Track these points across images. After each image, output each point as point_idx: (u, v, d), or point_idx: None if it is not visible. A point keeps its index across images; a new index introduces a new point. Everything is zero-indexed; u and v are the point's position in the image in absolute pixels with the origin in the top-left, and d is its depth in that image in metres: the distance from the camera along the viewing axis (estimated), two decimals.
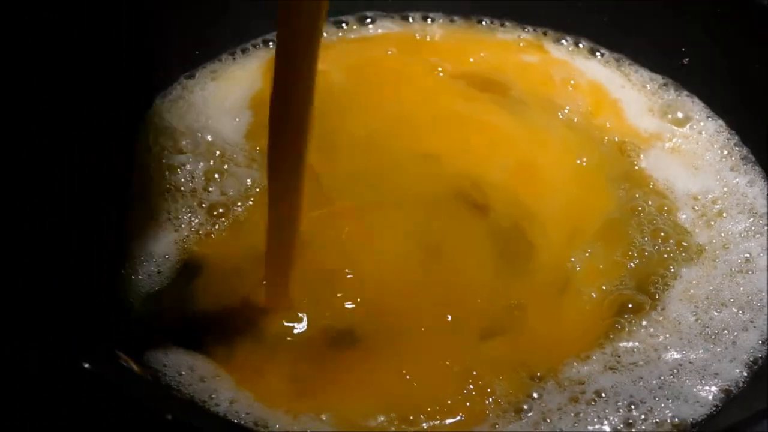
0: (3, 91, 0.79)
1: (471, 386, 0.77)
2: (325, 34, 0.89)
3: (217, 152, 0.95)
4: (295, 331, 0.81)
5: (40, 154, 0.82)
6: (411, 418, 0.75)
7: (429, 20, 1.12)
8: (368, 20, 1.11)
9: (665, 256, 0.88)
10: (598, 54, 1.09)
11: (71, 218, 0.83)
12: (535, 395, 0.78)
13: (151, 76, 1.00)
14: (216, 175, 0.93)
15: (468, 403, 0.77)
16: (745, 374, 0.80)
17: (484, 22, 1.13)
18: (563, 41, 1.11)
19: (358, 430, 0.75)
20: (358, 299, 0.83)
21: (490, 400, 0.77)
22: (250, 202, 0.91)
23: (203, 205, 0.90)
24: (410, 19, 1.12)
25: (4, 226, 0.74)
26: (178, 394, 0.76)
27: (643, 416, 0.77)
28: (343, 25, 1.10)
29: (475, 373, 0.78)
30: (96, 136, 0.89)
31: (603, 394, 0.78)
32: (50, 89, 0.85)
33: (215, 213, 0.90)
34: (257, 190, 0.91)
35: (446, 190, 0.92)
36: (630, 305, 0.84)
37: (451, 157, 0.95)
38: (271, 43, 1.06)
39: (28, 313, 0.68)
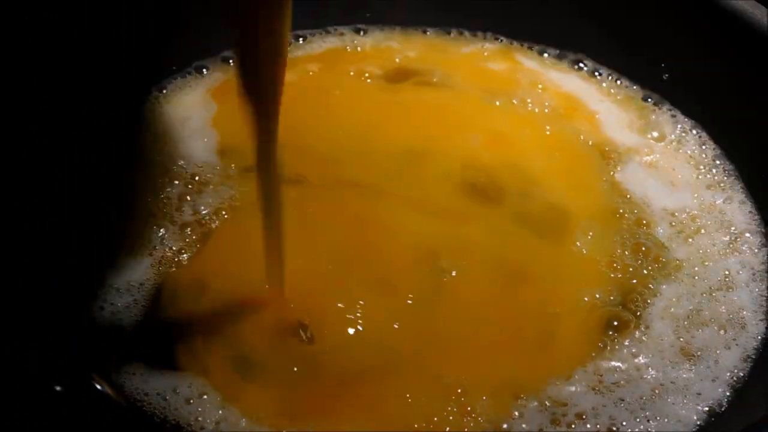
0: None
1: (454, 404, 0.75)
2: None
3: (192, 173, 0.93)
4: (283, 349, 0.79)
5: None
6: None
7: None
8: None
9: (644, 271, 0.87)
10: (577, 66, 1.07)
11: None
12: (516, 414, 0.75)
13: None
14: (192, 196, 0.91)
15: (449, 419, 0.74)
16: (728, 393, 0.79)
17: (452, 33, 1.12)
18: (541, 53, 1.10)
19: None
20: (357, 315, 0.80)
21: (470, 418, 0.75)
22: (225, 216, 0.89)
23: (181, 226, 0.88)
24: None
25: None
26: (161, 420, 0.74)
27: None
28: None
29: (459, 390, 0.76)
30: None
31: (584, 416, 0.76)
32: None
33: (191, 232, 0.88)
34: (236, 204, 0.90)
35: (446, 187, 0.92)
36: (615, 323, 0.82)
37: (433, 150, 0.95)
38: (204, 70, 1.05)
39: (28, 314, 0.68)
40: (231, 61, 1.05)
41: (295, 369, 0.77)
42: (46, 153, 0.85)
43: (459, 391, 0.76)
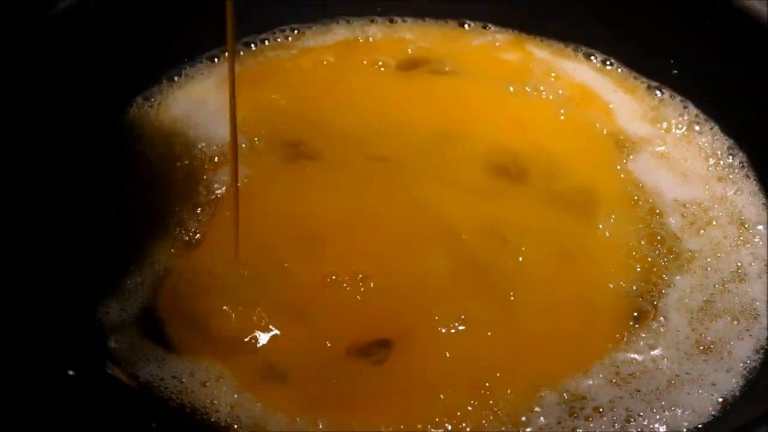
0: None
1: (478, 398, 0.76)
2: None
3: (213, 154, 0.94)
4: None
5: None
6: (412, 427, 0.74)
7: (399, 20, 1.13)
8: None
9: (659, 261, 0.88)
10: (591, 58, 1.08)
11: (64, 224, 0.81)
12: (536, 408, 0.76)
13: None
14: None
15: (471, 413, 0.75)
16: (742, 384, 0.79)
17: (464, 26, 1.13)
18: (552, 45, 1.10)
19: None
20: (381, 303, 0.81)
21: (489, 411, 0.75)
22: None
23: (203, 205, 0.89)
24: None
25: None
26: (177, 403, 0.74)
27: (639, 430, 0.76)
28: (266, 41, 1.09)
29: (487, 384, 0.76)
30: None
31: (601, 409, 0.77)
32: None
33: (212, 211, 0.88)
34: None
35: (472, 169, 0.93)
36: (636, 313, 0.83)
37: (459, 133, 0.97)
38: (216, 59, 1.05)
39: (28, 314, 0.66)
40: (242, 52, 1.06)
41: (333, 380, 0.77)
42: (54, 149, 0.85)
43: (487, 385, 0.76)
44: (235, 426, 0.74)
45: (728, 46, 0.97)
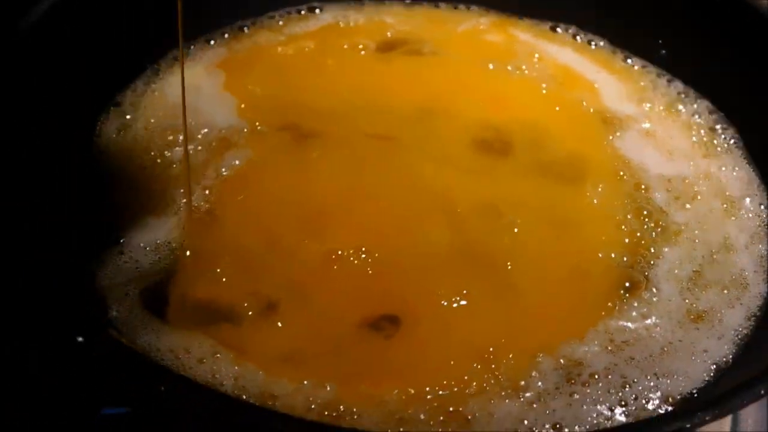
0: None
1: (481, 362, 0.75)
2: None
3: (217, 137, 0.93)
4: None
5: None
6: (414, 391, 0.74)
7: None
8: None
9: (647, 234, 0.88)
10: (578, 38, 1.08)
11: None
12: (534, 373, 0.76)
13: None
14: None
15: (475, 376, 0.75)
16: (734, 350, 0.79)
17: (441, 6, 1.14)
18: (536, 26, 1.10)
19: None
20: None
21: (490, 375, 0.75)
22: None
23: (209, 187, 0.88)
24: None
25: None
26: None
27: (634, 396, 0.76)
28: (245, 29, 1.09)
29: (491, 349, 0.76)
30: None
31: (597, 375, 0.76)
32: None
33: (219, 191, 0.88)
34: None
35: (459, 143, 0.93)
36: (627, 284, 0.83)
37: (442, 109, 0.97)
38: (212, 41, 1.06)
39: (28, 313, 0.65)
40: (226, 34, 1.07)
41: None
42: (53, 143, 0.85)
43: (491, 349, 0.76)
44: (244, 396, 0.72)
45: (715, 24, 0.98)
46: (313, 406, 0.72)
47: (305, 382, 0.73)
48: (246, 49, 1.06)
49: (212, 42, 1.06)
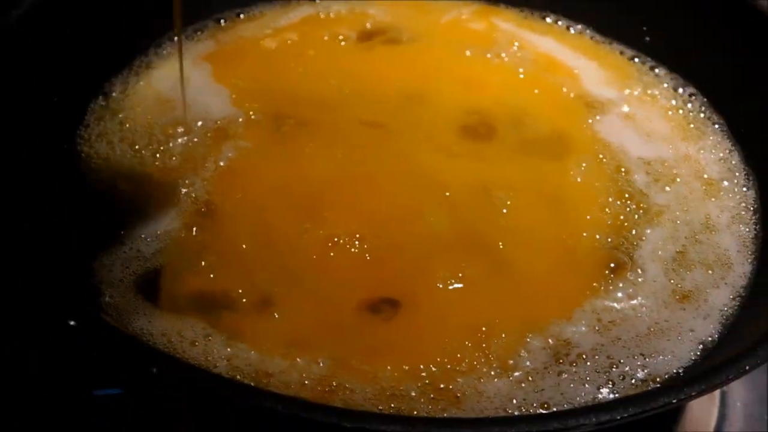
0: None
1: (474, 341, 0.75)
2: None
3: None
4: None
5: None
6: (408, 368, 0.73)
7: None
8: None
9: (630, 215, 0.87)
10: (559, 23, 1.08)
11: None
12: (523, 353, 0.75)
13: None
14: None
15: (459, 355, 0.74)
16: (720, 329, 0.79)
17: None
18: (521, 13, 1.10)
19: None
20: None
21: (481, 353, 0.74)
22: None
23: (209, 179, 0.87)
24: None
25: None
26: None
27: (621, 376, 0.75)
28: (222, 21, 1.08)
29: (484, 328, 0.76)
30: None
31: (584, 356, 0.76)
32: None
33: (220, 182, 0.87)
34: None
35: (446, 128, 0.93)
36: (612, 264, 0.82)
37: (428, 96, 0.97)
38: (198, 33, 1.05)
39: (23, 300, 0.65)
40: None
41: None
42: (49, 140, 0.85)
43: (483, 329, 0.76)
44: (238, 377, 0.71)
45: (698, 10, 0.98)
46: (306, 382, 0.71)
47: (298, 359, 0.72)
48: (232, 42, 1.05)
49: (198, 34, 1.05)
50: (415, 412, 0.70)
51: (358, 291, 0.78)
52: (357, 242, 0.81)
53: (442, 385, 0.72)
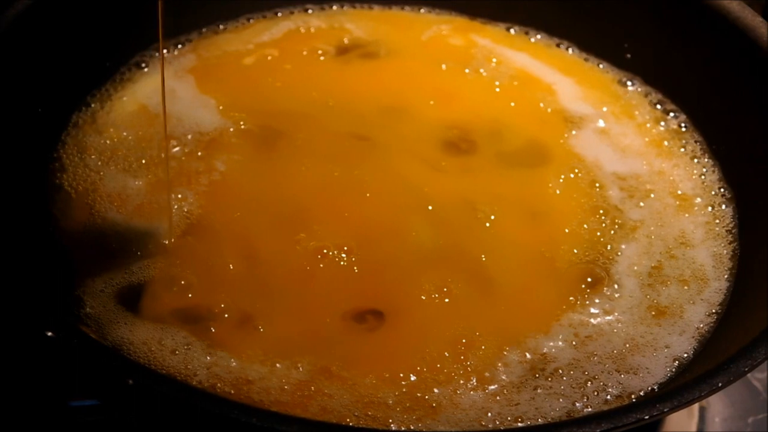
0: None
1: (454, 352, 0.75)
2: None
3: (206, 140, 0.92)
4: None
5: None
6: (388, 375, 0.73)
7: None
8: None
9: (605, 230, 0.86)
10: (538, 41, 1.07)
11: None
12: (500, 366, 0.74)
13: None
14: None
15: (438, 365, 0.74)
16: (695, 345, 0.78)
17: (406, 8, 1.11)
18: (501, 30, 1.09)
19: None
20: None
21: (459, 365, 0.74)
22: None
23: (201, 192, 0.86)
24: None
25: None
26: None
27: (596, 392, 0.74)
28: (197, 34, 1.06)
29: (464, 341, 0.75)
30: None
31: (560, 370, 0.75)
32: None
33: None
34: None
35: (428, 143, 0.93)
36: (589, 279, 0.82)
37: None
38: (179, 47, 1.04)
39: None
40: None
41: None
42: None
43: (463, 341, 0.75)
44: (218, 384, 0.71)
45: (678, 28, 0.97)
46: (286, 387, 0.71)
47: (278, 365, 0.72)
48: (214, 57, 1.03)
49: (179, 47, 1.03)
50: (390, 421, 0.70)
51: (344, 303, 0.77)
52: (344, 255, 0.80)
53: (419, 395, 0.71)
